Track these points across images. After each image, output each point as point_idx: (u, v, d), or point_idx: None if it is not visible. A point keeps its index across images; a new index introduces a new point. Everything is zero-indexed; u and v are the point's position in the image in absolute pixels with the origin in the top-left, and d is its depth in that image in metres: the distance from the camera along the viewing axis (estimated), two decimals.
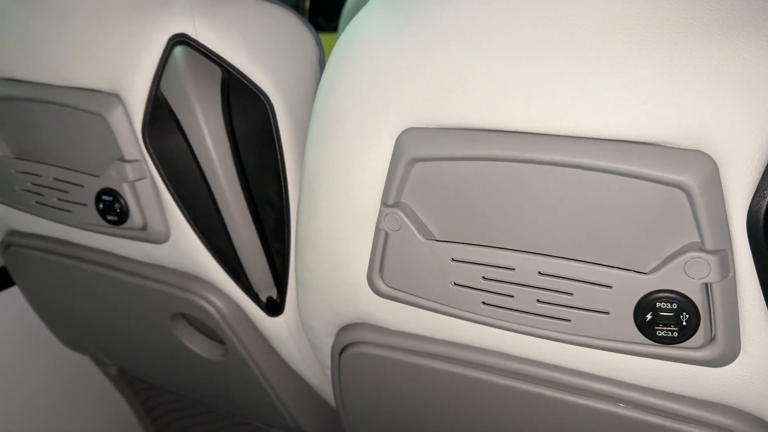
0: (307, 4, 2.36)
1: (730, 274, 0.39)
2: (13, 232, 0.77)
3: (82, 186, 0.62)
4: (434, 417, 0.57)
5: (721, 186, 0.38)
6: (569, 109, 0.39)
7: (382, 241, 0.48)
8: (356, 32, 0.48)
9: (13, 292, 0.94)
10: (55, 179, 0.64)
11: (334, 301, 0.56)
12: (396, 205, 0.47)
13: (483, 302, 0.46)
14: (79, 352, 0.94)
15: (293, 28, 0.62)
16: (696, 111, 0.37)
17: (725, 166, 0.37)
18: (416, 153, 0.44)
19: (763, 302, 0.39)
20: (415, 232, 0.46)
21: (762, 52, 0.35)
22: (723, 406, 0.44)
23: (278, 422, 0.79)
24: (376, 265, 0.50)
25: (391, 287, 0.50)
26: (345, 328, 0.57)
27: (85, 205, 0.63)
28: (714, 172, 0.37)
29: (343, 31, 0.55)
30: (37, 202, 0.67)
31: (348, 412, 0.63)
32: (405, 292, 0.49)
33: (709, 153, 0.37)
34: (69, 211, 0.65)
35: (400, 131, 0.45)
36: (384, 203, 0.47)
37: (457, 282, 0.46)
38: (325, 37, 0.70)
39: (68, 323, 0.86)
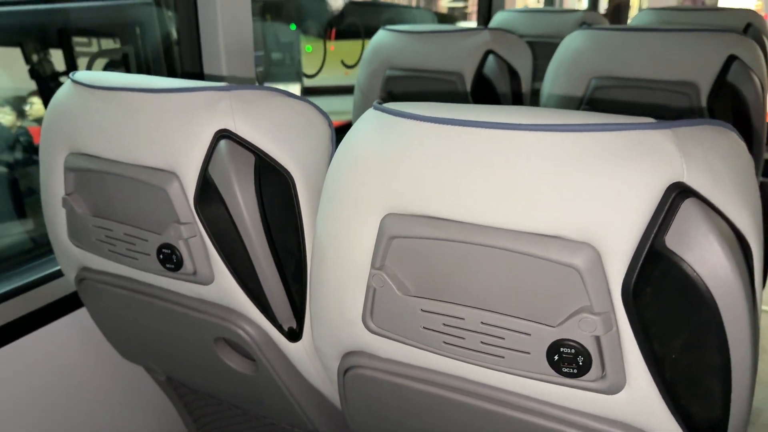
0: None
1: (613, 329, 0.55)
2: (86, 269, 0.96)
3: (146, 240, 0.80)
4: (416, 423, 0.73)
5: (603, 267, 0.53)
6: (501, 210, 0.56)
7: (371, 294, 0.65)
8: (354, 140, 0.65)
9: (82, 312, 1.14)
10: (125, 234, 0.82)
11: (338, 333, 0.73)
12: (381, 268, 0.63)
13: (444, 341, 0.62)
14: (135, 362, 1.13)
15: (310, 115, 0.79)
16: (584, 217, 0.52)
17: (605, 254, 0.53)
18: (394, 233, 0.61)
19: (638, 349, 0.55)
20: (395, 289, 0.63)
21: (625, 178, 0.51)
22: (620, 423, 0.59)
23: (299, 424, 0.96)
24: (368, 310, 0.66)
25: (379, 327, 0.67)
26: (348, 354, 0.74)
27: (148, 254, 0.81)
28: (597, 258, 0.53)
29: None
30: (109, 250, 0.86)
31: (353, 418, 0.80)
32: (389, 331, 0.66)
33: (593, 245, 0.53)
34: (135, 259, 0.83)
35: (383, 216, 0.62)
36: (372, 266, 0.64)
37: (425, 326, 0.63)
38: None
39: (128, 340, 1.05)
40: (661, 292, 0.53)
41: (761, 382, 2.30)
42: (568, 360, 0.56)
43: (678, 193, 0.50)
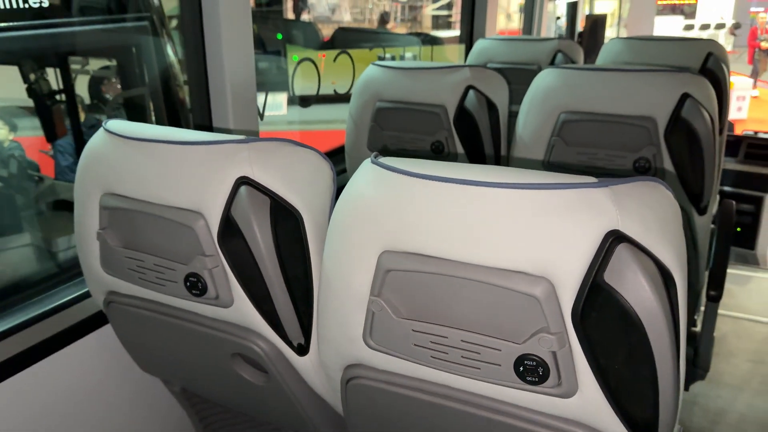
0: None
1: (566, 346, 0.68)
2: (114, 293, 1.08)
3: (174, 270, 0.93)
4: (408, 426, 0.87)
5: (557, 297, 0.67)
6: (476, 250, 0.69)
7: (371, 316, 0.78)
8: (355, 189, 0.79)
9: (107, 329, 1.26)
10: (155, 264, 0.95)
11: (342, 349, 0.86)
12: (379, 295, 0.77)
13: (431, 356, 0.76)
14: (153, 374, 1.25)
15: (316, 162, 0.92)
16: (541, 257, 0.66)
17: (558, 286, 0.67)
18: (390, 267, 0.75)
19: (587, 362, 0.69)
20: (390, 313, 0.76)
21: (573, 226, 0.65)
22: (574, 421, 0.73)
23: (304, 429, 1.09)
24: (367, 330, 0.80)
25: (377, 344, 0.80)
26: (349, 367, 0.87)
27: (175, 282, 0.94)
28: (552, 289, 0.67)
29: None
30: (140, 278, 0.98)
31: (352, 422, 0.93)
32: (385, 347, 0.79)
33: (548, 279, 0.67)
34: (163, 285, 0.96)
35: (380, 253, 0.75)
36: (371, 294, 0.77)
37: (416, 343, 0.76)
38: None
39: (149, 355, 1.17)
40: (602, 317, 0.67)
41: (726, 384, 2.46)
42: (531, 370, 0.70)
43: (614, 239, 0.64)
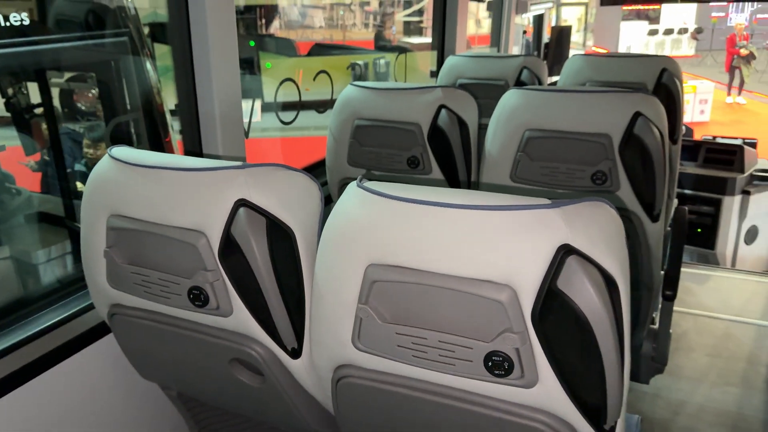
0: None
1: (527, 343, 0.80)
2: (118, 305, 1.17)
3: (178, 284, 1.03)
4: (393, 419, 0.97)
5: (518, 301, 0.79)
6: (449, 262, 0.81)
7: (358, 322, 0.89)
8: (342, 211, 0.90)
9: (104, 341, 1.35)
10: (160, 278, 1.04)
11: (332, 352, 0.96)
12: (366, 303, 0.88)
13: (412, 355, 0.87)
14: (152, 380, 1.34)
15: (306, 184, 1.03)
16: (505, 268, 0.78)
17: (519, 292, 0.78)
18: (375, 278, 0.86)
19: (545, 357, 0.80)
20: (376, 318, 0.87)
21: (531, 241, 0.77)
22: (536, 408, 0.85)
23: (297, 426, 1.19)
24: (356, 334, 0.90)
25: (364, 346, 0.91)
26: (339, 367, 0.98)
27: (179, 295, 1.03)
28: (514, 295, 0.78)
29: None
30: (145, 291, 1.07)
31: (342, 418, 1.04)
32: (372, 349, 0.90)
33: (511, 286, 0.78)
34: (168, 298, 1.05)
35: (367, 266, 0.86)
36: (359, 302, 0.88)
37: (399, 344, 0.87)
38: None
39: (150, 362, 1.26)
40: (557, 319, 0.79)
41: (686, 377, 2.62)
42: (498, 365, 0.81)
43: (565, 252, 0.76)
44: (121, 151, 1.08)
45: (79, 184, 2.40)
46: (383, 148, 1.81)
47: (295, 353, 1.06)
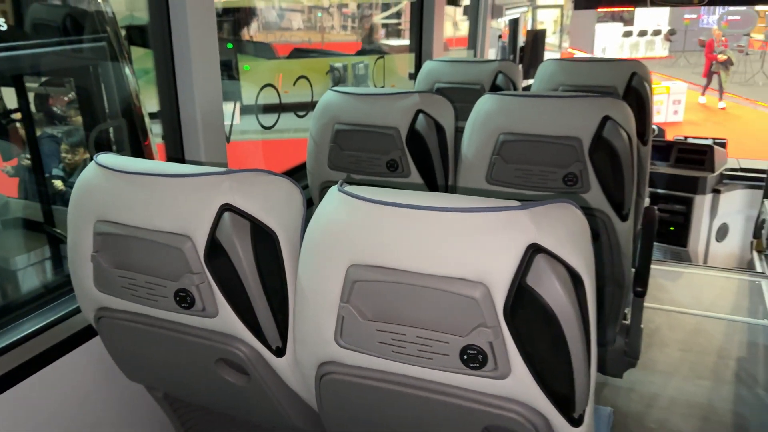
0: None
1: (500, 337, 0.85)
2: (104, 309, 1.19)
3: (164, 287, 1.06)
4: (375, 413, 1.02)
5: (491, 297, 0.84)
6: (426, 261, 0.85)
7: (341, 320, 0.93)
8: (324, 214, 0.94)
9: (89, 345, 1.37)
10: (146, 282, 1.07)
11: (316, 349, 1.00)
12: (347, 302, 0.92)
13: (392, 351, 0.91)
14: (138, 382, 1.36)
15: (289, 189, 1.07)
16: (478, 266, 0.83)
17: (491, 289, 0.83)
18: (356, 278, 0.90)
19: (517, 350, 0.85)
20: (358, 316, 0.91)
21: (502, 241, 0.82)
22: (509, 398, 0.90)
23: (282, 423, 1.23)
24: (338, 331, 0.95)
25: (346, 343, 0.95)
26: (323, 364, 1.02)
27: (166, 297, 1.07)
28: (487, 292, 0.83)
29: None
30: (132, 294, 1.10)
31: (326, 415, 1.08)
32: (354, 345, 0.95)
33: (484, 283, 0.83)
34: (155, 300, 1.08)
35: (348, 266, 0.91)
36: (341, 301, 0.92)
37: (380, 341, 0.92)
38: None
39: (136, 364, 1.28)
40: (527, 313, 0.84)
41: (659, 371, 2.70)
42: (473, 358, 0.86)
43: (533, 251, 0.81)
44: (107, 158, 1.11)
45: (58, 185, 2.40)
46: (363, 152, 1.85)
47: (280, 352, 1.10)
